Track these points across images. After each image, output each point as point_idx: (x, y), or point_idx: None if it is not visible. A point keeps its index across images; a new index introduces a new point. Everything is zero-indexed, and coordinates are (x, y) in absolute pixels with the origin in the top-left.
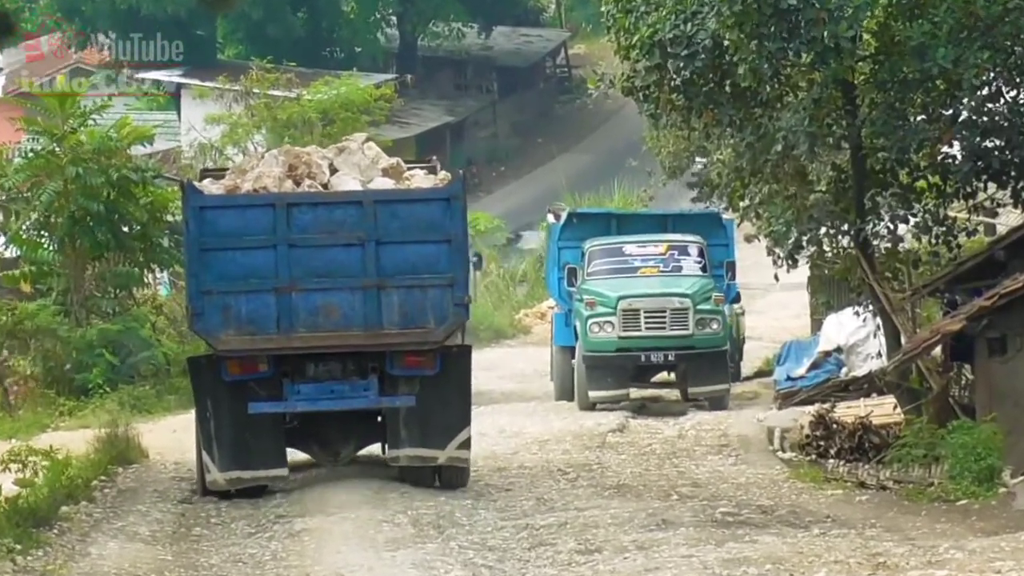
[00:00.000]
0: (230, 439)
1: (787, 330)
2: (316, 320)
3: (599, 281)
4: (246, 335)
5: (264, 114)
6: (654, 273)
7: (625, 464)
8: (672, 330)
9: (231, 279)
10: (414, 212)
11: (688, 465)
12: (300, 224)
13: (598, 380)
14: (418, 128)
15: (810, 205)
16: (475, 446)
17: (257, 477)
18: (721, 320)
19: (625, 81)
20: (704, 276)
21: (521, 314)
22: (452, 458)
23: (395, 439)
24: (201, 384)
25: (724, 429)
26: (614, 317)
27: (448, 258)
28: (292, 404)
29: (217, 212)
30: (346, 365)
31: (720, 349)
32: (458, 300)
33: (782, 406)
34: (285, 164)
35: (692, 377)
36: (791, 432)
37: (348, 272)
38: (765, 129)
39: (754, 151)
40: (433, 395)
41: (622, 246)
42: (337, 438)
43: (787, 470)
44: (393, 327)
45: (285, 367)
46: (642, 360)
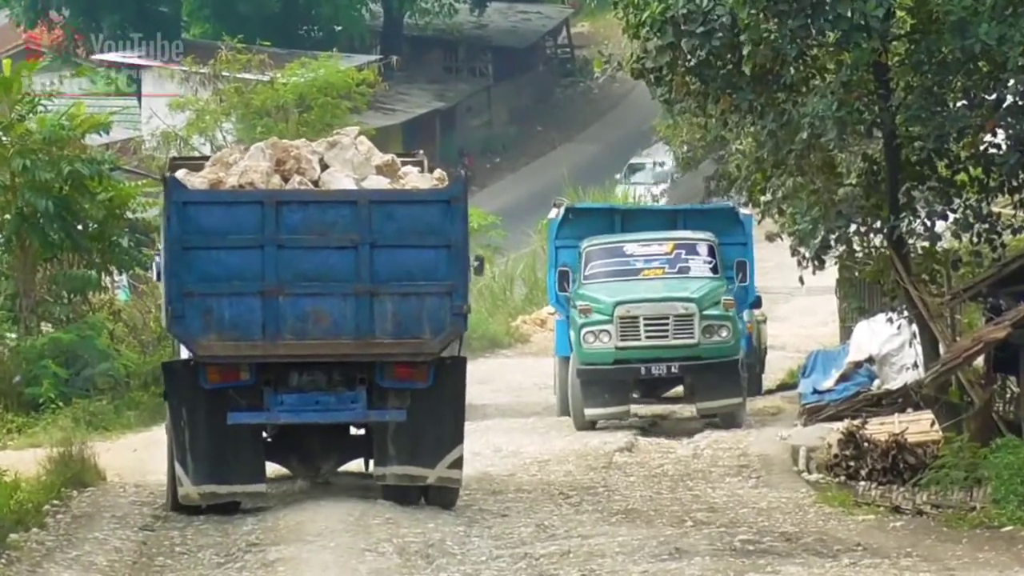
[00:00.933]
0: (206, 451)
1: (813, 338)
2: (304, 327)
3: (596, 285)
4: (229, 341)
5: (234, 99)
6: (658, 275)
7: (634, 487)
8: (676, 339)
9: (214, 280)
10: (411, 214)
11: (704, 488)
12: (290, 224)
13: (594, 396)
14: (404, 115)
15: (839, 200)
16: (468, 467)
17: (233, 492)
18: (731, 327)
19: (634, 63)
20: (714, 278)
21: (519, 321)
22: (442, 478)
23: (382, 455)
24: (176, 391)
25: (744, 448)
26: (610, 325)
27: (447, 264)
28: (274, 415)
29: (201, 208)
30: (332, 375)
31: (730, 359)
32: (456, 310)
33: (808, 422)
34: (273, 158)
35: (700, 391)
36: (818, 451)
37: (339, 276)
38: (789, 115)
39: (776, 140)
40: (425, 410)
41: (623, 245)
42: (318, 452)
43: (813, 493)
44: (386, 336)
45: (268, 375)
46: (642, 373)
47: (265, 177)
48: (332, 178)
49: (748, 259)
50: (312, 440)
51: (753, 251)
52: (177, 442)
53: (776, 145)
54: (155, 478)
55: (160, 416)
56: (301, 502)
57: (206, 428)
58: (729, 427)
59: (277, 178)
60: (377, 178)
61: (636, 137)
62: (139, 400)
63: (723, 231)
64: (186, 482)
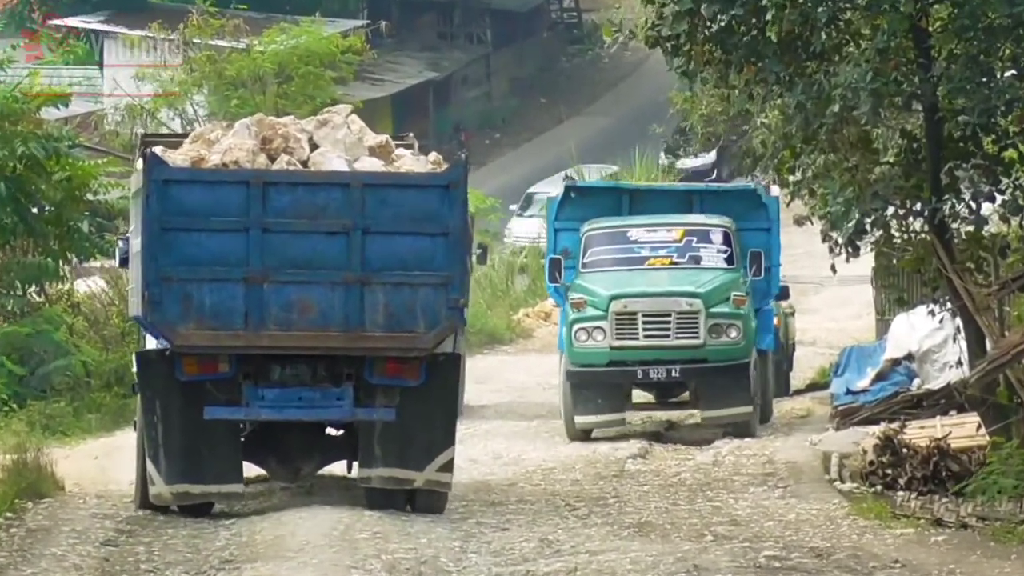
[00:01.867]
0: (180, 447)
1: (846, 333)
2: (289, 317)
3: (594, 275)
4: (208, 330)
5: (206, 69)
6: (665, 265)
7: (648, 497)
8: (678, 338)
9: (195, 264)
10: (407, 199)
11: (725, 499)
12: (277, 206)
13: (585, 402)
14: (394, 86)
15: (875, 180)
16: (464, 475)
17: (208, 492)
18: (742, 326)
19: (649, 29)
20: (728, 270)
21: (521, 314)
22: (431, 481)
23: (368, 457)
24: (150, 383)
25: (770, 455)
26: (605, 322)
27: (444, 254)
28: (254, 411)
29: (183, 187)
30: (317, 370)
31: (740, 362)
32: (452, 303)
33: (840, 426)
34: (259, 136)
35: (705, 398)
36: (851, 458)
37: (328, 264)
38: (819, 86)
39: (806, 113)
40: (415, 409)
41: (627, 230)
42: (299, 452)
43: (847, 504)
44: (376, 329)
45: (248, 368)
46: (639, 376)
47: (251, 156)
48: (322, 159)
49: (772, 247)
50: (292, 439)
51: (778, 237)
52: (149, 437)
53: (805, 119)
54: (118, 488)
55: (124, 420)
56: (280, 512)
57: (180, 423)
58: (745, 434)
59: (263, 157)
60: (370, 160)
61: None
62: (101, 402)
63: (744, 215)
64: (158, 480)
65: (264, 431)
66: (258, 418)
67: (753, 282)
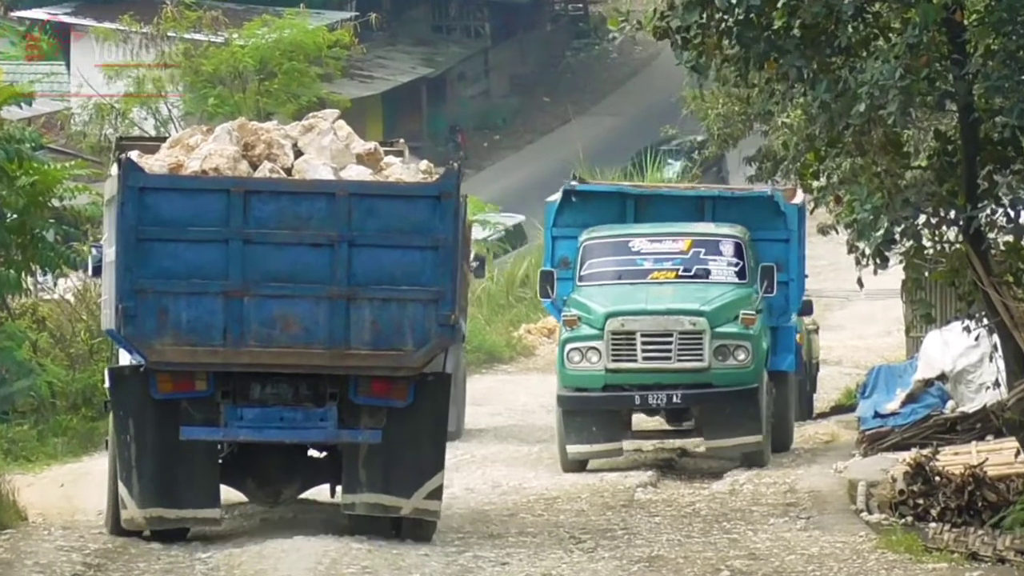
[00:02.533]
0: (154, 469)
1: (874, 351)
2: (271, 333)
3: (591, 289)
4: (185, 345)
5: (183, 65)
6: (670, 279)
7: (660, 529)
8: (680, 361)
9: (172, 277)
10: (396, 210)
11: (743, 531)
12: (259, 216)
13: (578, 430)
14: (385, 84)
15: (905, 185)
16: (461, 505)
17: (183, 518)
18: (751, 348)
19: (658, 20)
20: (739, 285)
21: (522, 330)
22: (419, 509)
23: (352, 481)
24: (123, 401)
25: (791, 483)
26: (600, 342)
27: (434, 268)
28: (233, 431)
29: (160, 195)
30: (299, 389)
31: (749, 387)
32: (443, 320)
33: (868, 452)
34: (240, 142)
35: (710, 426)
36: (880, 487)
37: (312, 278)
38: (845, 84)
39: (831, 113)
40: (402, 431)
41: (628, 240)
42: (279, 475)
43: (875, 537)
44: (362, 347)
45: (227, 386)
46: (637, 402)
47: (232, 163)
48: (307, 166)
49: (791, 259)
50: (272, 461)
51: (799, 248)
52: (121, 459)
53: (830, 120)
54: (86, 518)
55: (92, 444)
56: (260, 543)
57: (154, 444)
58: (756, 464)
59: (245, 164)
60: (357, 168)
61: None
62: (67, 425)
63: (761, 224)
64: (130, 504)
65: (243, 453)
66: (236, 439)
67: (769, 298)
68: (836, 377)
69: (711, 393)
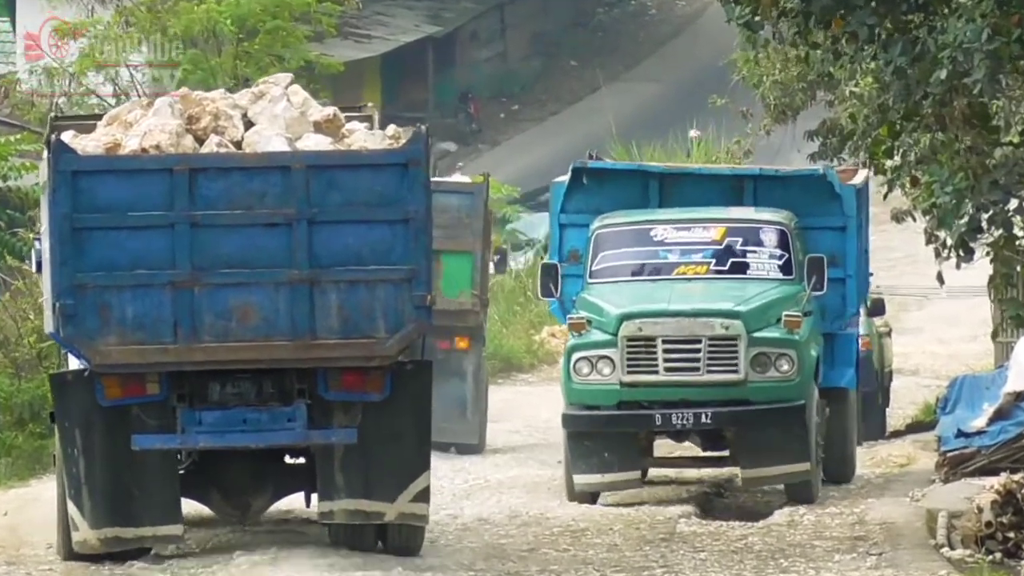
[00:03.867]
0: (106, 485)
1: (957, 359)
2: (227, 325)
3: (604, 287)
4: (132, 344)
5: (146, 23)
6: (699, 274)
7: (706, 567)
8: (711, 372)
9: (113, 269)
10: (359, 182)
11: (803, 569)
12: (207, 196)
13: (588, 456)
14: (385, 44)
15: (994, 165)
16: (475, 537)
17: (142, 536)
18: (796, 357)
19: None
20: (784, 281)
21: (544, 334)
22: (404, 514)
23: (328, 487)
24: (67, 410)
25: (860, 514)
26: (614, 349)
27: (405, 244)
28: (191, 438)
29: (95, 178)
30: (263, 386)
31: (793, 405)
32: (418, 301)
33: (950, 477)
34: (184, 114)
35: (747, 451)
36: (964, 518)
37: (270, 262)
38: (924, 47)
39: (907, 81)
40: (380, 428)
41: (650, 228)
42: (247, 485)
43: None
44: (330, 336)
45: (182, 388)
46: (657, 422)
47: (174, 138)
48: (259, 138)
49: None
50: (239, 469)
51: (857, 238)
52: (69, 475)
53: (906, 88)
54: (34, 552)
55: (42, 466)
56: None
57: (105, 456)
58: (800, 501)
59: (190, 139)
60: (315, 137)
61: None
62: (11, 443)
63: (811, 209)
64: (82, 525)
65: (206, 461)
66: (196, 446)
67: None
68: (913, 389)
69: (748, 412)
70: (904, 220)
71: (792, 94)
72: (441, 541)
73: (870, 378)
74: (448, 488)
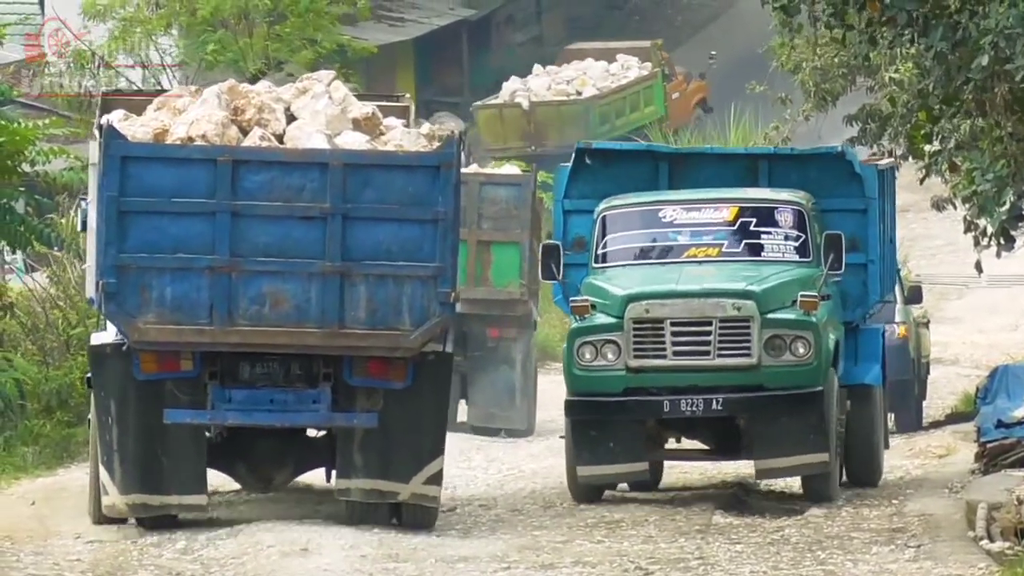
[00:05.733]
0: (137, 453)
1: (997, 348)
2: (260, 311)
3: (611, 271)
4: (169, 324)
5: (176, 5)
6: (711, 256)
7: (742, 559)
8: (722, 356)
9: (155, 252)
10: (393, 181)
11: (841, 561)
12: (248, 187)
13: (592, 446)
14: (418, 28)
15: None
16: (508, 528)
17: (167, 504)
18: (812, 340)
19: None
20: (800, 263)
21: None
22: (417, 495)
23: (347, 466)
24: (104, 381)
25: (898, 506)
26: (619, 333)
27: (433, 242)
28: (220, 414)
29: (144, 165)
30: (291, 369)
31: (811, 390)
32: (443, 297)
33: (989, 468)
34: (230, 105)
35: (761, 440)
36: (1004, 510)
37: (304, 253)
38: (965, 31)
39: (947, 66)
40: (399, 414)
41: (659, 209)
42: (271, 460)
43: (996, 569)
44: (357, 326)
45: (214, 367)
46: (666, 409)
47: (220, 129)
48: (299, 133)
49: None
50: (264, 445)
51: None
52: (102, 442)
53: (946, 73)
54: (62, 542)
55: (69, 454)
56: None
57: (137, 426)
58: (816, 500)
59: (234, 130)
60: (353, 135)
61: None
62: (39, 431)
63: (831, 190)
64: (112, 490)
65: (233, 436)
66: (224, 422)
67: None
68: (952, 379)
69: (762, 398)
70: (944, 208)
71: (832, 80)
72: (474, 532)
73: (905, 367)
74: (482, 478)
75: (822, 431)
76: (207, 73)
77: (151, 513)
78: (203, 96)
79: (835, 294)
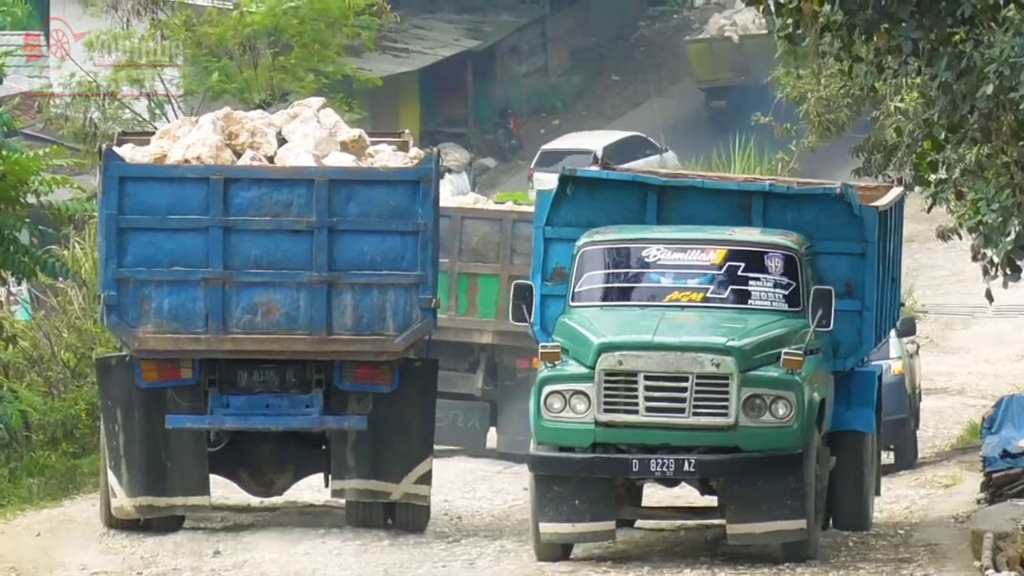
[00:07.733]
0: (142, 458)
1: (1004, 379)
2: (253, 320)
3: (586, 312)
4: (168, 333)
5: (181, 35)
6: (694, 302)
7: None
8: (697, 415)
9: (153, 266)
10: (375, 196)
11: None
12: (238, 204)
13: (556, 503)
14: (423, 58)
15: None
16: (514, 559)
17: (173, 505)
18: (794, 401)
19: None
20: (789, 313)
21: None
22: (409, 494)
23: (341, 468)
24: (110, 390)
25: (904, 535)
26: (590, 384)
27: (414, 253)
28: (219, 419)
29: (140, 184)
30: (285, 376)
31: (790, 453)
32: (424, 304)
33: (995, 498)
34: (225, 130)
35: (736, 505)
36: (1010, 540)
37: (293, 264)
38: (970, 61)
39: (952, 95)
40: (389, 417)
41: (642, 248)
42: (271, 464)
43: None
44: (344, 332)
45: (212, 375)
46: (634, 468)
47: (214, 151)
48: (289, 154)
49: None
50: (264, 450)
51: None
52: (110, 448)
53: (951, 102)
54: (66, 573)
55: (74, 485)
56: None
57: (142, 432)
58: (795, 560)
59: (228, 153)
60: (340, 155)
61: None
62: (44, 462)
63: (827, 231)
64: (120, 493)
65: (235, 442)
66: (222, 427)
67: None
68: (958, 409)
69: (738, 460)
70: (950, 238)
71: (837, 110)
72: (480, 563)
73: (903, 405)
74: (487, 509)
75: (801, 496)
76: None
77: (157, 514)
78: (200, 123)
79: (825, 344)
